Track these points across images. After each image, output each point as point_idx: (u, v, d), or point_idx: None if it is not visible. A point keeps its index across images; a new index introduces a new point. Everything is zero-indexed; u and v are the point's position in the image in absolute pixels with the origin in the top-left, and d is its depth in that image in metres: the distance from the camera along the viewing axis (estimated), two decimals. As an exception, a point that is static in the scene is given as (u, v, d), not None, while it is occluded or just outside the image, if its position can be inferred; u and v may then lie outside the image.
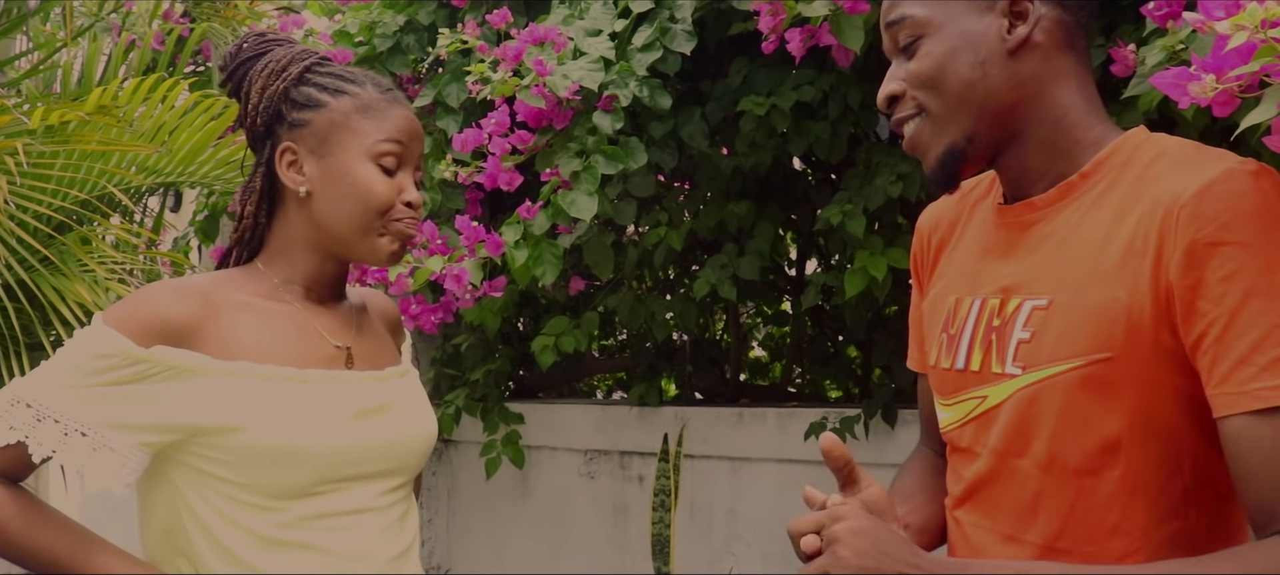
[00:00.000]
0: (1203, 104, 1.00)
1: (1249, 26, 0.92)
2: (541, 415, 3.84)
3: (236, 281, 1.42)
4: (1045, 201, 1.23)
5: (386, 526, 1.42)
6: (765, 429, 3.31)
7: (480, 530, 3.99)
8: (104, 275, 2.77)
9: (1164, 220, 1.09)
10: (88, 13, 4.25)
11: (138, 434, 1.30)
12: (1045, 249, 1.21)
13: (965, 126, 1.22)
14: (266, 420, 1.31)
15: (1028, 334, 1.19)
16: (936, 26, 1.22)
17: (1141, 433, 1.13)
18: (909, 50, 1.24)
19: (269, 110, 1.44)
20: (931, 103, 1.23)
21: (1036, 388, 1.17)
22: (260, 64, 1.45)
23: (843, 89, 2.86)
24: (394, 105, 1.45)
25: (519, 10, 3.22)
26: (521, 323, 4.19)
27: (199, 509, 1.33)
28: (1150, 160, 1.17)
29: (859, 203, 2.81)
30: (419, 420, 1.50)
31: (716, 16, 2.80)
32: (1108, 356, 1.12)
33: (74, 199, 2.81)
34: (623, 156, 2.75)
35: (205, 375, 1.31)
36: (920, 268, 1.46)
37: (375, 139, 1.41)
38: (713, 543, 3.39)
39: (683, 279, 3.99)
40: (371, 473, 1.40)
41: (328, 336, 1.43)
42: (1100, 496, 1.15)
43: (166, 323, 1.31)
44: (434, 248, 2.87)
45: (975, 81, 1.21)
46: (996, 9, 1.21)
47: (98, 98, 2.80)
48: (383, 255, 1.43)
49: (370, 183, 1.40)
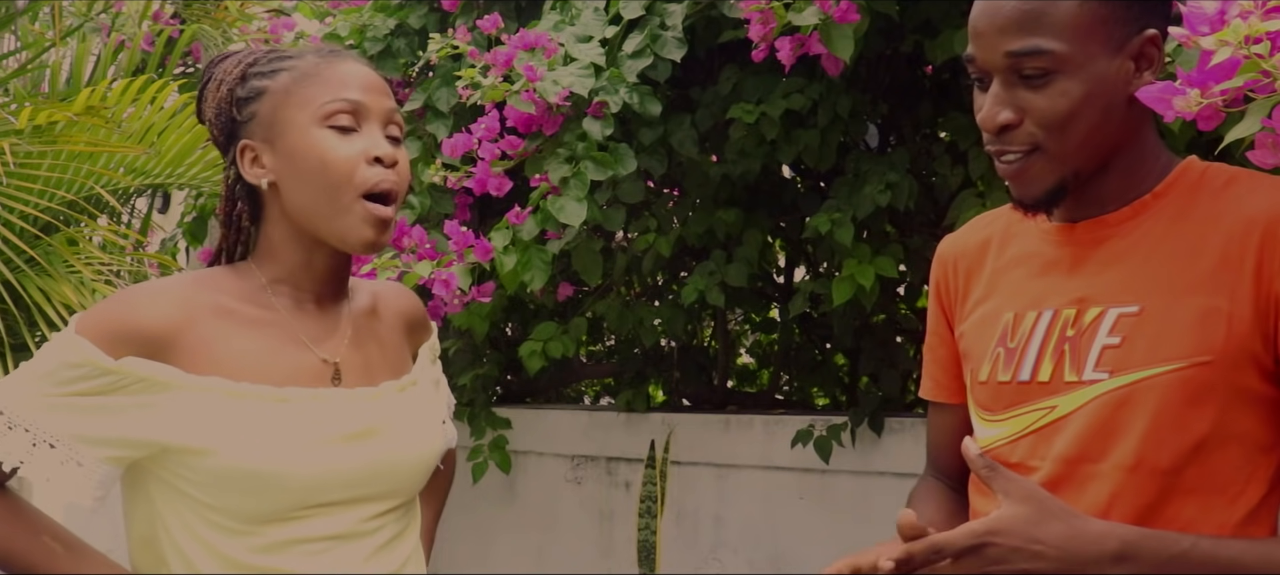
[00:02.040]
0: (1188, 118, 1.01)
1: (1233, 43, 0.93)
2: (529, 420, 3.84)
3: (221, 282, 1.32)
4: (1118, 219, 1.25)
5: (373, 552, 1.32)
6: (752, 436, 3.31)
7: (466, 535, 3.98)
8: (90, 277, 2.76)
9: (1264, 235, 1.15)
10: (77, 13, 4.24)
11: (105, 448, 1.23)
12: (1127, 262, 1.23)
13: (1078, 165, 1.22)
14: (238, 443, 1.23)
15: (1117, 340, 1.21)
16: (1075, 67, 1.18)
17: (1227, 435, 1.17)
18: (1036, 83, 1.19)
19: (223, 118, 1.36)
20: (1052, 143, 1.20)
21: (1127, 390, 1.19)
22: (212, 81, 1.38)
23: (832, 98, 2.86)
24: (337, 62, 1.33)
25: (510, 16, 3.22)
26: (509, 328, 4.18)
27: (172, 526, 1.26)
28: (1224, 183, 1.21)
29: (847, 211, 2.82)
30: (416, 442, 1.38)
31: (707, 24, 2.81)
32: (1208, 360, 1.16)
33: (61, 200, 2.81)
34: (612, 163, 2.76)
35: (176, 390, 1.23)
36: (946, 296, 1.45)
37: (320, 102, 1.29)
38: (699, 549, 3.39)
39: (671, 285, 3.99)
40: (357, 497, 1.30)
41: (314, 348, 1.32)
42: (1180, 493, 1.18)
43: (139, 330, 1.23)
44: (422, 252, 2.86)
45: (1100, 126, 1.20)
46: (1125, 51, 1.19)
47: (86, 98, 2.80)
48: (357, 237, 1.29)
49: (323, 149, 1.28)
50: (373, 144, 1.30)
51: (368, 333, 1.40)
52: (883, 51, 2.98)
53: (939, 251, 1.47)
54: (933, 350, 1.49)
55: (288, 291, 1.34)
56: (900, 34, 2.82)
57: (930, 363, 1.49)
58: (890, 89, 3.21)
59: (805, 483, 3.19)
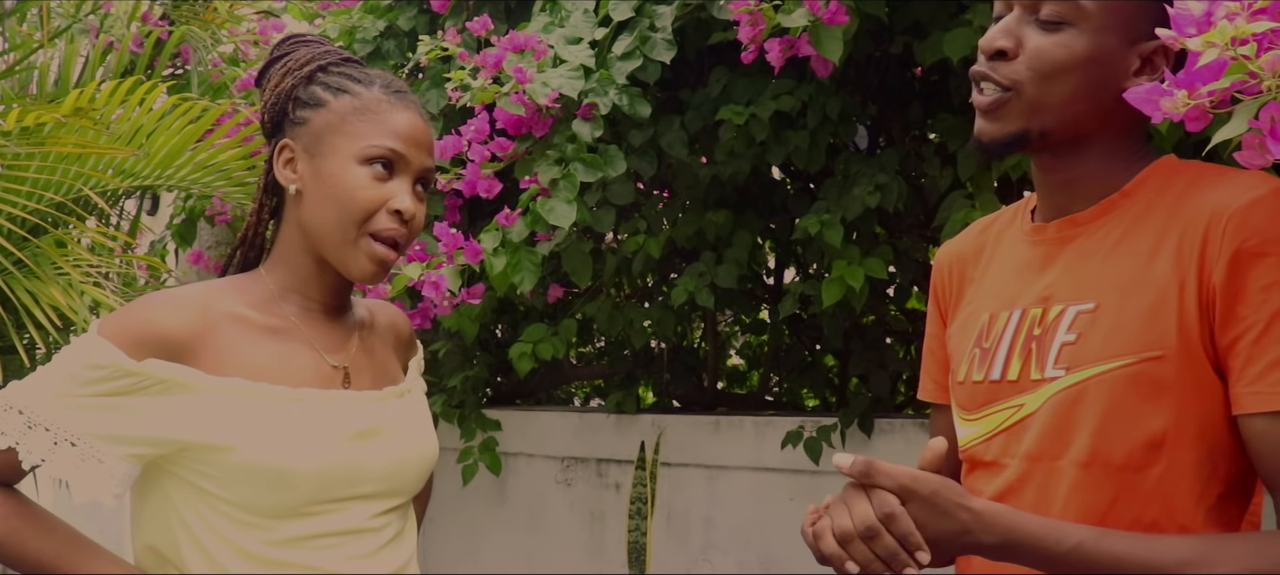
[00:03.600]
0: (1176, 119, 1.02)
1: (1220, 44, 0.93)
2: (519, 422, 3.84)
3: (235, 291, 1.39)
4: (1086, 218, 1.26)
5: (379, 547, 1.39)
6: (742, 437, 3.31)
7: (456, 537, 3.98)
8: (79, 278, 2.75)
9: (1208, 226, 1.14)
10: (65, 14, 4.22)
11: (127, 446, 1.28)
12: (1090, 260, 1.24)
13: (1046, 123, 1.23)
14: (257, 440, 1.29)
15: (1073, 336, 1.21)
16: (1092, 27, 1.20)
17: (1185, 432, 1.16)
18: (1048, 26, 1.21)
19: (277, 107, 1.42)
20: (1033, 87, 1.21)
21: (1081, 387, 1.19)
22: (280, 62, 1.45)
23: (821, 99, 2.87)
24: (397, 108, 1.39)
25: (499, 17, 3.22)
26: (499, 329, 4.18)
27: (190, 520, 1.31)
28: (1190, 180, 1.21)
29: (837, 212, 2.83)
30: (416, 442, 1.46)
31: (696, 26, 2.81)
32: (1159, 355, 1.15)
33: (49, 202, 2.79)
34: (602, 164, 2.76)
35: (197, 391, 1.29)
36: (943, 299, 1.47)
37: (368, 142, 1.36)
38: (689, 550, 3.40)
39: (661, 287, 3.99)
40: (364, 494, 1.37)
41: (324, 354, 1.40)
42: (1141, 493, 1.18)
43: (161, 335, 1.28)
44: (412, 254, 2.86)
45: (1085, 97, 1.21)
46: (1136, 48, 1.21)
47: (74, 99, 2.78)
48: (357, 269, 1.37)
49: (352, 186, 1.35)
50: (399, 197, 1.37)
51: (368, 344, 1.49)
52: (872, 53, 2.99)
53: (937, 255, 1.50)
54: (932, 353, 1.51)
55: (297, 300, 1.42)
56: (889, 36, 2.83)
57: (929, 365, 1.51)
58: (879, 91, 3.22)
59: (795, 484, 3.19)
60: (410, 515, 1.50)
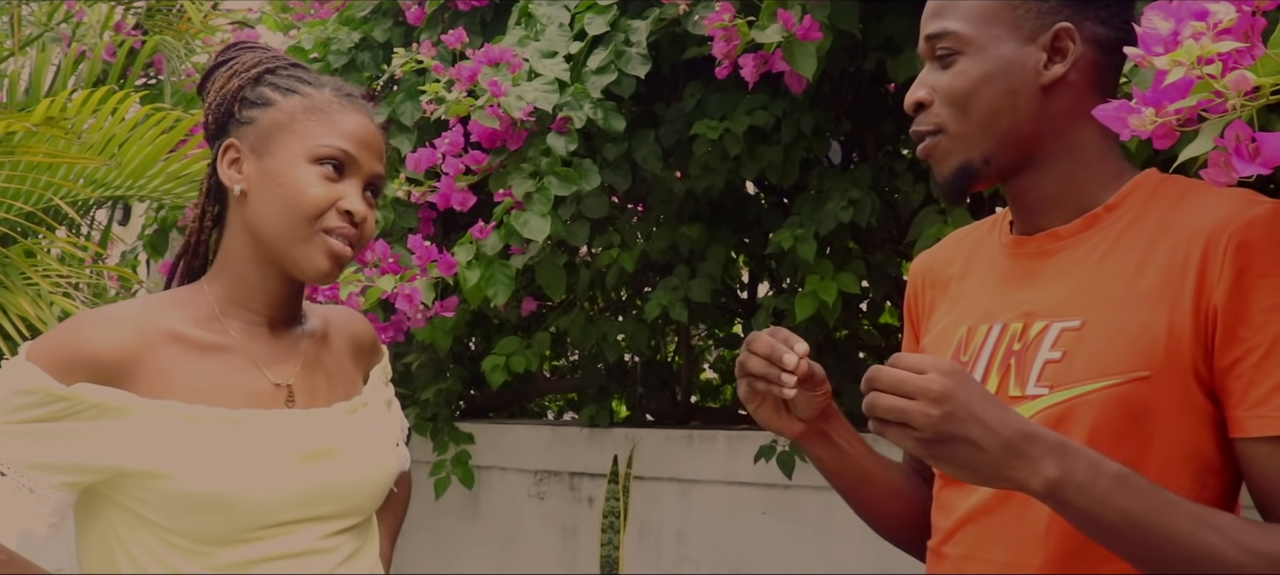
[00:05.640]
0: (1143, 136, 1.03)
1: (1186, 63, 0.94)
2: (492, 435, 3.83)
3: (175, 305, 1.32)
4: (1069, 231, 1.24)
5: (332, 569, 1.33)
6: (715, 451, 3.32)
7: (429, 550, 3.96)
8: (48, 289, 2.73)
9: (1207, 246, 1.12)
10: (37, 22, 4.20)
11: (59, 474, 1.22)
12: (1074, 275, 1.22)
13: (984, 149, 1.24)
14: (194, 466, 1.23)
15: (1057, 354, 1.19)
16: (977, 48, 1.23)
17: (1171, 455, 1.14)
18: (944, 62, 1.25)
19: (222, 108, 1.37)
20: (954, 122, 1.24)
21: (1066, 406, 1.16)
22: (226, 65, 1.40)
23: (795, 114, 2.89)
24: (348, 110, 1.36)
25: (474, 30, 3.23)
26: (473, 342, 4.17)
27: (130, 546, 1.26)
28: (1178, 195, 1.20)
29: (810, 227, 2.84)
30: (370, 461, 1.39)
31: (671, 40, 2.82)
32: (1145, 375, 1.13)
33: (19, 211, 2.77)
34: (576, 178, 2.76)
35: (130, 415, 1.23)
36: (915, 312, 1.46)
37: (318, 141, 1.31)
38: (662, 564, 3.39)
39: (635, 300, 4.00)
40: (314, 516, 1.31)
41: (266, 371, 1.33)
42: None
43: (91, 358, 1.22)
44: (386, 266, 2.86)
45: (1003, 111, 1.22)
46: (1038, 42, 1.22)
47: (45, 109, 2.77)
48: (311, 267, 1.31)
49: (301, 184, 1.30)
50: (349, 198, 1.32)
51: (319, 357, 1.42)
52: (845, 69, 3.01)
53: (911, 267, 1.49)
54: None
55: (240, 314, 1.35)
56: (863, 52, 2.85)
57: None
58: (853, 106, 3.24)
59: (768, 498, 3.20)
60: (370, 531, 1.44)
